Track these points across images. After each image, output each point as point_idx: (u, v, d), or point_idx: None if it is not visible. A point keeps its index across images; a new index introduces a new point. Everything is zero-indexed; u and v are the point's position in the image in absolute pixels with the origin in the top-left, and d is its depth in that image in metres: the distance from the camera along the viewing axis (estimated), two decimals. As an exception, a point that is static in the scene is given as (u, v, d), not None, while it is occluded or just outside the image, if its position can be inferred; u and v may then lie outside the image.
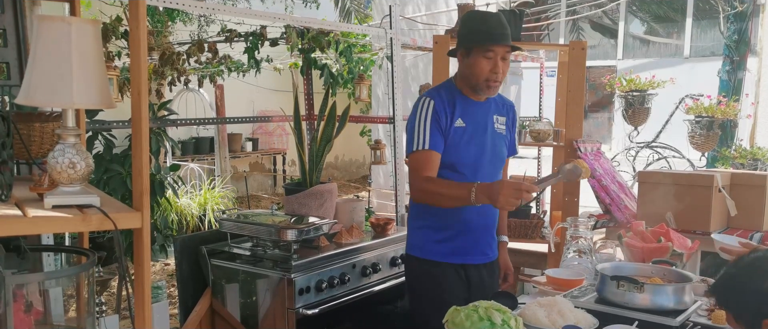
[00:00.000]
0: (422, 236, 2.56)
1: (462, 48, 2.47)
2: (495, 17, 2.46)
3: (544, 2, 8.75)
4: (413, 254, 2.60)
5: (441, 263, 2.53)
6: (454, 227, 2.52)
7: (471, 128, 2.48)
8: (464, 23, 2.51)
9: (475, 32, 2.43)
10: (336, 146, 3.67)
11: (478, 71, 2.42)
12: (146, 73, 1.53)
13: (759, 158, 5.33)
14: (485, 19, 2.45)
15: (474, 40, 2.42)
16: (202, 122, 4.24)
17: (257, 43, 4.49)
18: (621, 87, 5.27)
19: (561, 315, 1.94)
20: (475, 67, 2.42)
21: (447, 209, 2.48)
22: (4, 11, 2.51)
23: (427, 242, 2.55)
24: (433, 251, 2.54)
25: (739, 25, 6.12)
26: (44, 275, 1.97)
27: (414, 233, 2.60)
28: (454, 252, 2.54)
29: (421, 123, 2.41)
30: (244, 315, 2.95)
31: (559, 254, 2.94)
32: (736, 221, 3.21)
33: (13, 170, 1.85)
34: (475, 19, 2.47)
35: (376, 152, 5.29)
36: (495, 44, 2.39)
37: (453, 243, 2.53)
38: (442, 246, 2.53)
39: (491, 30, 2.40)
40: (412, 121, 2.45)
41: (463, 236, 2.54)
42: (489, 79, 2.43)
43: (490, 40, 2.39)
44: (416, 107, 2.46)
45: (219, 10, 5.23)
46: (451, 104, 2.47)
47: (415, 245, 2.59)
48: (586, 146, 3.69)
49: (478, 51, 2.41)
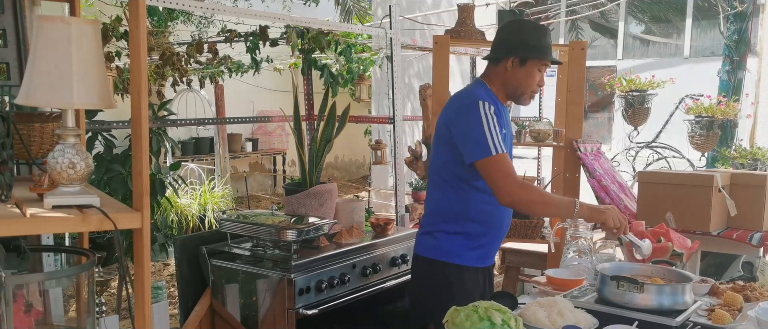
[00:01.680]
0: (454, 242, 2.51)
1: (516, 57, 2.47)
2: (549, 32, 2.57)
3: (544, 2, 8.74)
4: (442, 259, 2.52)
5: (470, 268, 2.54)
6: (490, 233, 2.55)
7: (507, 134, 2.53)
8: (518, 33, 2.51)
9: (535, 45, 2.47)
10: (336, 146, 3.67)
11: (530, 82, 2.48)
12: (146, 73, 1.53)
13: (759, 158, 5.33)
14: (545, 34, 2.51)
15: (534, 54, 2.46)
16: (202, 122, 4.24)
17: (257, 43, 4.49)
18: (621, 87, 5.27)
19: (561, 315, 1.94)
20: (528, 78, 2.48)
21: (493, 215, 2.50)
22: (4, 11, 2.51)
23: (460, 249, 2.51)
24: (466, 256, 2.52)
25: (739, 25, 6.12)
26: (44, 275, 1.97)
27: (444, 238, 2.52)
28: (483, 256, 2.57)
29: (491, 127, 2.35)
30: (244, 315, 2.95)
31: (559, 254, 2.93)
32: (736, 221, 3.21)
33: (13, 170, 1.85)
34: (533, 32, 2.50)
35: (377, 152, 5.29)
36: (550, 59, 2.49)
37: (484, 249, 2.56)
38: (474, 252, 2.53)
39: (550, 46, 2.51)
40: (479, 125, 2.35)
41: (494, 241, 2.60)
42: (534, 91, 2.52)
43: (549, 56, 2.48)
44: (477, 111, 2.37)
45: (219, 10, 5.23)
46: (498, 109, 2.46)
47: (445, 250, 2.52)
48: (586, 146, 3.69)
49: (534, 64, 2.46)
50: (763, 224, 3.16)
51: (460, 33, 3.93)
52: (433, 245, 2.55)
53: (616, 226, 2.30)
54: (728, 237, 3.13)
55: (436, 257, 2.54)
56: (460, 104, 2.45)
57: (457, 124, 2.42)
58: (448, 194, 2.50)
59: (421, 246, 2.60)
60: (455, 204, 2.49)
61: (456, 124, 2.42)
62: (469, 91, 2.52)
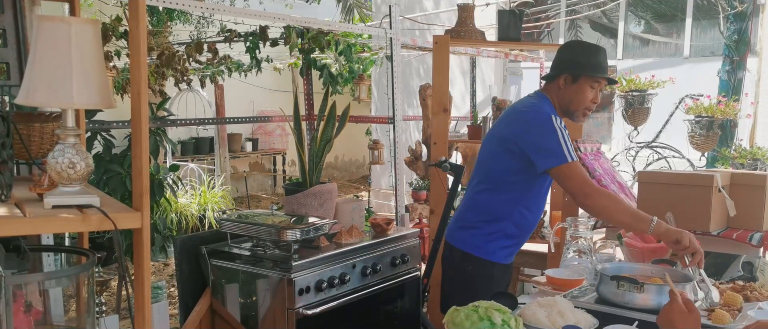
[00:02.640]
0: (491, 240, 2.66)
1: (568, 74, 2.59)
2: (604, 51, 2.63)
3: (543, 2, 8.75)
4: (475, 254, 2.68)
5: (499, 264, 2.70)
6: (523, 235, 2.73)
7: None
8: (571, 51, 2.65)
9: (585, 63, 2.57)
10: (336, 146, 3.67)
11: (582, 98, 2.58)
12: (146, 73, 1.53)
13: (759, 158, 5.33)
14: (596, 53, 2.60)
15: (584, 70, 2.56)
16: (202, 122, 4.24)
17: (257, 43, 4.49)
18: (621, 87, 5.27)
19: (561, 315, 1.94)
20: (579, 95, 2.58)
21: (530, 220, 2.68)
22: (4, 11, 2.51)
23: (495, 247, 2.67)
24: (498, 254, 2.68)
25: (739, 25, 6.12)
26: (44, 275, 1.96)
27: (483, 237, 2.67)
28: (511, 253, 2.76)
29: (563, 137, 2.47)
30: (244, 315, 2.95)
31: (559, 254, 2.94)
32: (735, 221, 3.20)
33: (13, 170, 1.85)
34: (584, 50, 2.62)
35: (374, 152, 5.30)
36: (603, 76, 2.58)
37: (513, 247, 2.74)
38: (505, 250, 2.70)
39: (602, 63, 2.59)
40: (553, 135, 2.46)
41: (522, 242, 2.77)
42: (588, 107, 2.61)
43: (602, 72, 2.57)
44: (551, 123, 2.48)
45: (219, 10, 5.22)
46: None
47: (480, 247, 2.68)
48: (586, 146, 3.69)
49: (586, 80, 2.56)
50: (763, 224, 3.16)
51: (460, 33, 3.93)
52: (471, 241, 2.70)
53: (691, 250, 2.20)
54: (728, 237, 3.13)
55: (473, 252, 2.69)
56: (532, 117, 2.54)
57: (530, 135, 2.52)
58: (499, 196, 2.63)
59: (459, 239, 2.74)
60: (502, 207, 2.63)
61: (529, 135, 2.52)
62: (537, 107, 2.59)
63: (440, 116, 3.83)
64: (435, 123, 3.86)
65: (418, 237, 3.50)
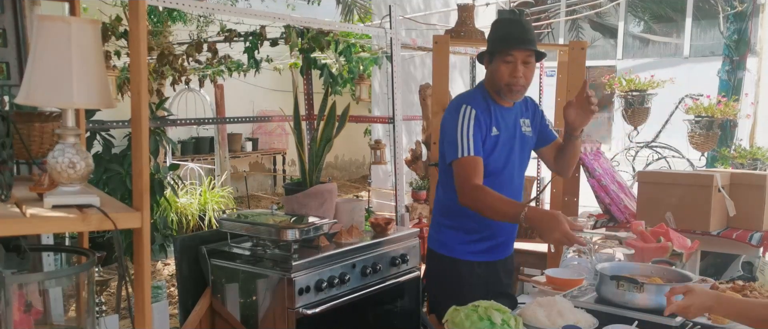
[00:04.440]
0: (452, 236, 2.63)
1: (486, 54, 2.53)
2: (516, 22, 2.48)
3: (543, 2, 8.75)
4: (439, 251, 2.67)
5: (468, 261, 2.62)
6: (486, 230, 2.61)
7: (504, 136, 2.54)
8: (490, 30, 2.56)
9: (496, 38, 2.48)
10: (336, 146, 3.67)
11: (499, 76, 2.46)
12: (146, 73, 1.52)
13: (758, 158, 5.32)
14: (505, 24, 2.50)
15: (494, 46, 2.48)
16: (202, 122, 4.24)
17: (257, 43, 4.49)
18: (621, 87, 5.26)
19: (561, 315, 1.94)
20: (496, 73, 2.47)
21: None
22: (4, 11, 2.51)
23: (456, 243, 2.62)
24: (462, 250, 2.62)
25: (738, 25, 6.12)
26: (44, 275, 1.96)
27: (443, 231, 2.66)
28: (482, 251, 2.63)
29: (463, 130, 2.42)
30: (244, 315, 2.95)
31: (558, 254, 2.94)
32: (735, 221, 3.21)
33: (13, 170, 1.85)
34: (498, 25, 2.53)
35: (376, 151, 5.30)
36: (513, 49, 2.42)
37: (483, 244, 2.62)
38: (471, 246, 2.61)
39: (510, 34, 2.44)
40: (453, 128, 2.45)
41: (492, 237, 2.64)
42: (510, 83, 2.45)
43: (507, 45, 2.43)
44: (456, 114, 2.46)
45: (219, 10, 5.23)
46: (488, 112, 2.50)
47: (443, 243, 2.66)
48: (586, 146, 3.69)
49: (499, 57, 2.45)
50: (762, 224, 3.16)
51: (460, 33, 3.93)
52: (434, 237, 2.71)
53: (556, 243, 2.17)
54: (728, 237, 3.13)
55: (434, 248, 2.71)
56: (449, 107, 2.56)
57: (442, 126, 2.55)
58: (444, 187, 2.62)
59: (430, 238, 2.75)
60: (447, 198, 2.59)
61: (442, 126, 2.55)
62: (459, 97, 2.60)
63: (440, 115, 3.82)
64: (435, 123, 3.86)
65: (417, 237, 3.50)
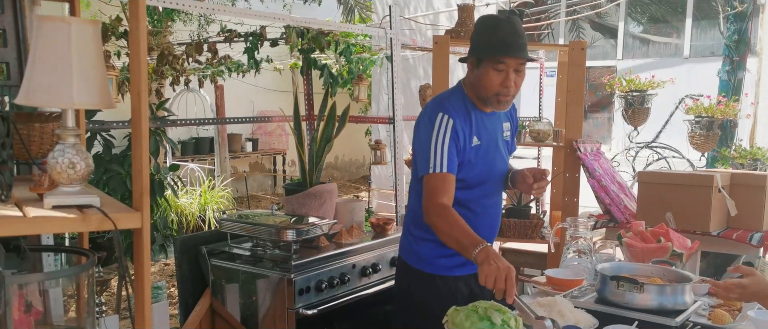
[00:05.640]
0: (426, 249, 2.38)
1: (471, 58, 2.27)
2: (508, 25, 2.23)
3: (544, 2, 8.75)
4: (414, 265, 2.42)
5: (444, 276, 2.39)
6: None
7: (485, 145, 2.33)
8: (476, 30, 2.31)
9: (485, 42, 2.23)
10: (336, 146, 3.67)
11: (488, 84, 2.22)
12: (146, 73, 1.52)
13: (759, 158, 5.33)
14: (496, 27, 2.22)
15: (484, 51, 2.22)
16: (202, 122, 4.24)
17: (257, 43, 4.49)
18: (621, 87, 5.26)
19: (561, 315, 1.94)
20: (484, 80, 2.22)
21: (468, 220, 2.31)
22: (4, 11, 2.50)
23: (432, 257, 2.38)
24: (438, 265, 2.38)
25: (738, 25, 6.11)
26: (44, 275, 1.96)
27: (417, 243, 2.40)
28: (458, 265, 2.37)
29: (438, 143, 2.19)
30: (244, 315, 2.95)
31: (558, 254, 2.94)
32: (736, 222, 3.21)
33: (13, 170, 1.85)
34: (487, 26, 2.26)
35: (377, 152, 5.30)
36: (506, 56, 2.19)
37: (459, 258, 2.27)
38: (447, 260, 2.36)
39: (503, 40, 2.19)
40: (427, 138, 2.22)
41: None
42: (499, 93, 2.22)
43: (501, 52, 2.19)
44: (432, 123, 2.23)
45: (219, 10, 5.23)
46: (468, 120, 2.27)
47: (417, 257, 2.41)
48: (586, 147, 3.69)
49: (489, 63, 2.20)
50: (763, 224, 3.16)
51: (460, 33, 3.93)
52: (407, 248, 2.46)
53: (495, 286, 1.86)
54: (728, 237, 3.13)
55: (408, 261, 2.45)
56: (420, 116, 2.32)
57: (416, 131, 2.32)
58: (419, 197, 2.33)
59: (401, 247, 2.52)
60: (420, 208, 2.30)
61: (416, 130, 2.33)
62: (433, 101, 2.34)
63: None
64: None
65: (418, 237, 3.50)
